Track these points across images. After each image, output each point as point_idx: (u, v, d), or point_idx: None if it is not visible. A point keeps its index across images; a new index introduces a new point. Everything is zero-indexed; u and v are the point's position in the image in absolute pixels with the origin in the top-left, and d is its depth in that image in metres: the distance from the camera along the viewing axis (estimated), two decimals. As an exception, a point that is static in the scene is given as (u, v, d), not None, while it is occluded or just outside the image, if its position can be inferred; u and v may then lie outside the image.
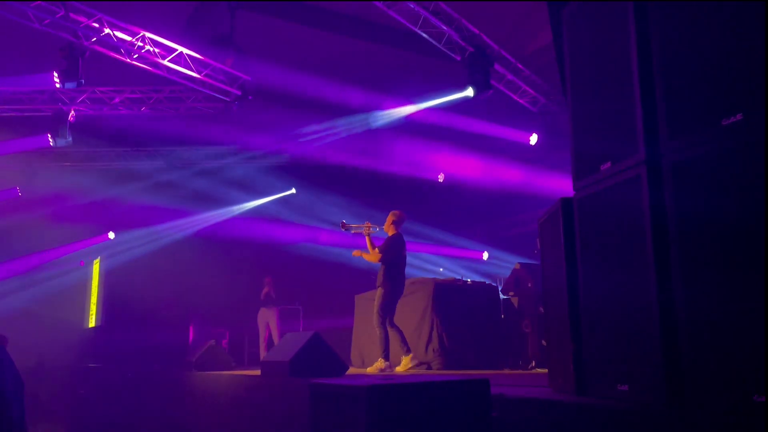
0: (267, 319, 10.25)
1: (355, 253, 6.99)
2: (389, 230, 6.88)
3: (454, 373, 6.17)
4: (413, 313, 7.49)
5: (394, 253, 6.74)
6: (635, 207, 2.44)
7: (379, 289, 6.66)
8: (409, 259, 7.05)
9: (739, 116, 2.02)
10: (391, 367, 6.44)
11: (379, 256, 6.69)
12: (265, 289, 10.46)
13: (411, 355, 6.45)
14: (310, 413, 2.83)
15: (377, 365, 6.41)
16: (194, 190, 12.66)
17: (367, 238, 6.88)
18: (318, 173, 12.86)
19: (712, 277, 2.09)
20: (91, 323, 12.26)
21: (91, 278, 12.90)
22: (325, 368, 5.07)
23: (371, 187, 12.16)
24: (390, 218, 6.91)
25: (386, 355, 6.44)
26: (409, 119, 10.87)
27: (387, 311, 6.60)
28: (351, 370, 6.48)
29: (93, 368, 8.74)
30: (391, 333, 6.55)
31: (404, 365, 6.39)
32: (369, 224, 6.94)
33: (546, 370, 3.99)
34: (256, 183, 13.17)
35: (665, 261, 2.27)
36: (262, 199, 13.77)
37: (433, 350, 7.22)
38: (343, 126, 11.46)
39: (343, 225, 7.05)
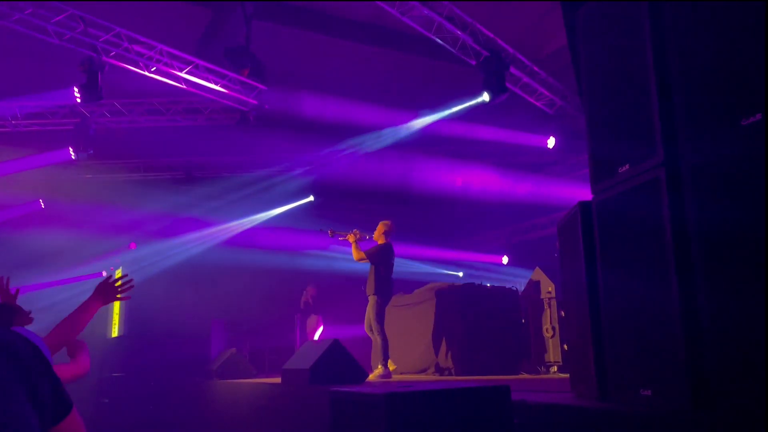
0: (310, 326, 10.33)
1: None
2: (379, 239, 7.06)
3: (475, 379, 6.13)
4: (433, 318, 7.47)
5: (380, 258, 6.90)
6: (655, 210, 2.41)
7: (372, 297, 6.78)
8: (428, 266, 7.16)
9: (758, 116, 1.99)
10: (389, 373, 6.53)
11: (363, 255, 6.86)
12: (304, 298, 10.56)
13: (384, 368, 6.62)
14: (331, 421, 2.84)
15: (377, 372, 6.49)
16: (214, 200, 12.78)
17: (353, 244, 6.99)
18: (337, 183, 12.91)
19: (734, 280, 2.05)
20: (114, 333, 12.41)
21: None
22: (345, 376, 5.07)
23: (387, 194, 12.17)
24: (381, 228, 7.10)
25: (385, 360, 6.54)
26: (426, 127, 10.87)
27: (382, 318, 6.75)
28: (371, 377, 6.50)
29: (116, 377, 8.84)
30: (376, 339, 6.71)
31: (377, 374, 6.49)
32: (357, 231, 7.09)
33: (567, 375, 3.96)
34: (276, 193, 13.26)
35: (686, 264, 2.24)
36: (280, 207, 13.86)
37: (453, 356, 7.19)
38: (361, 140, 11.51)
39: (331, 232, 7.21)
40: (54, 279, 11.80)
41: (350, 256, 7.12)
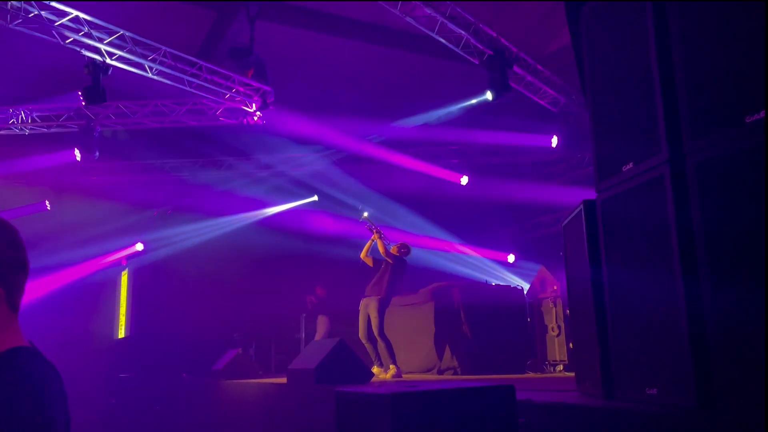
0: (318, 327, 10.34)
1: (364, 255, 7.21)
2: (395, 251, 7.04)
3: (480, 378, 6.13)
4: (438, 318, 7.47)
5: (402, 265, 6.98)
6: (659, 208, 2.41)
7: (377, 299, 6.75)
8: (433, 264, 7.20)
9: (762, 113, 1.98)
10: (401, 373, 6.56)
11: (393, 256, 6.89)
12: (312, 298, 10.57)
13: (381, 369, 6.65)
14: (336, 421, 2.84)
15: (391, 372, 6.50)
16: (218, 198, 12.81)
17: (379, 240, 7.00)
18: (341, 182, 12.92)
19: (740, 278, 2.05)
20: (121, 334, 12.45)
21: (119, 289, 13.10)
22: (351, 375, 5.08)
23: (394, 192, 12.18)
24: (403, 248, 7.11)
25: (394, 360, 6.54)
26: (430, 125, 10.88)
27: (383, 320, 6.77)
28: (385, 377, 6.52)
29: (123, 378, 8.87)
30: (380, 342, 6.69)
31: (391, 374, 6.51)
32: (381, 232, 7.10)
33: (573, 374, 3.95)
34: (279, 190, 13.28)
35: (692, 262, 2.24)
36: (284, 205, 13.88)
37: (458, 355, 7.19)
38: (365, 134, 11.52)
39: (367, 216, 7.21)
40: (58, 279, 11.83)
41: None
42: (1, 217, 1.38)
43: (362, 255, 7.17)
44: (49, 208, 11.65)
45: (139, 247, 13.01)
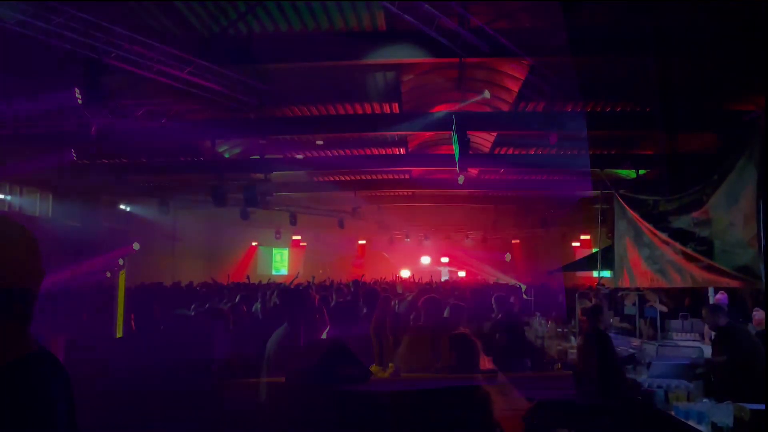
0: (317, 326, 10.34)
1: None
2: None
3: (479, 377, 6.12)
4: (435, 316, 7.47)
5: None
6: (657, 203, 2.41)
7: (385, 295, 6.75)
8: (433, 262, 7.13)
9: (759, 113, 1.99)
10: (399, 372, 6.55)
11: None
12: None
13: (380, 368, 6.66)
14: (336, 420, 2.85)
15: (390, 371, 6.50)
16: (215, 198, 12.80)
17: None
18: (336, 185, 12.94)
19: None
20: (119, 333, 12.44)
21: (117, 289, 13.07)
22: (350, 375, 5.07)
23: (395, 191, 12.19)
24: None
25: (395, 358, 6.55)
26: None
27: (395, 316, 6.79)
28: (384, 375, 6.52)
29: (121, 378, 8.84)
30: (388, 339, 6.68)
31: (389, 373, 6.51)
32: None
33: (571, 372, 3.96)
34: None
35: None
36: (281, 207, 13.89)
37: (457, 353, 7.19)
38: (363, 140, 11.55)
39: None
40: (54, 280, 11.81)
41: None
42: (22, 225, 1.35)
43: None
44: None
45: (136, 246, 13.01)
